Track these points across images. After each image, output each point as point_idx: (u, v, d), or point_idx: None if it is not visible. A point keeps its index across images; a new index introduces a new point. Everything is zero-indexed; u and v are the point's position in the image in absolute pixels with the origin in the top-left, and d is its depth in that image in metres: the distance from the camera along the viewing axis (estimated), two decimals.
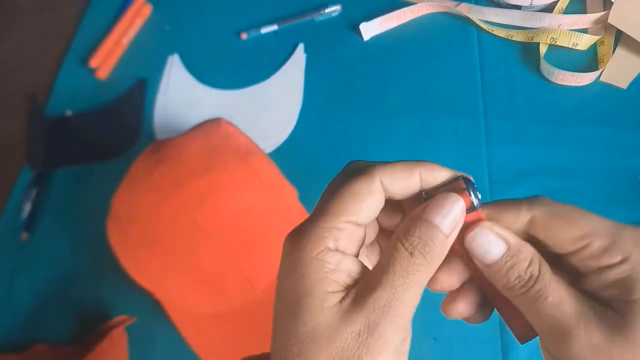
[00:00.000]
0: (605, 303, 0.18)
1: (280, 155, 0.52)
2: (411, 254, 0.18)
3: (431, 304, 0.47)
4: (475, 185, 0.20)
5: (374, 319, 0.17)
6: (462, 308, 0.21)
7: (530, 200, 0.20)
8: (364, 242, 0.20)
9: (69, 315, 0.47)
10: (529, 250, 0.19)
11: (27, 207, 0.52)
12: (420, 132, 0.53)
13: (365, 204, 0.19)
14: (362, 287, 0.18)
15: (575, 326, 0.18)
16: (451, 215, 0.19)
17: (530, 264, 0.19)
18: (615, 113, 0.52)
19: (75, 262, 0.49)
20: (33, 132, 0.57)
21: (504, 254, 0.19)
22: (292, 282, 0.18)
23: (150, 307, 0.46)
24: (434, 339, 0.43)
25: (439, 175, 0.20)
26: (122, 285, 0.47)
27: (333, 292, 0.18)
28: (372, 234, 0.23)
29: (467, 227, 0.20)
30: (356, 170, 0.20)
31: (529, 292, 0.19)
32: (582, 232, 0.19)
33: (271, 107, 0.57)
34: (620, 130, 0.51)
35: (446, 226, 0.19)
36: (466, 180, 0.20)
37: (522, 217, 0.20)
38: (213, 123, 0.45)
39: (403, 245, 0.18)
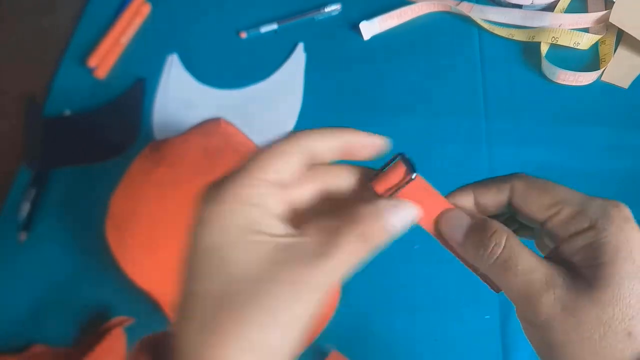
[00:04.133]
0: (575, 269, 0.19)
1: None
2: (362, 243, 0.19)
3: (431, 305, 0.47)
4: (409, 159, 0.22)
5: (303, 277, 0.18)
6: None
7: (510, 175, 0.22)
8: (293, 206, 0.21)
9: (68, 316, 0.47)
10: (492, 224, 0.21)
11: (26, 207, 0.52)
12: (421, 131, 0.53)
13: (279, 163, 0.20)
14: (298, 249, 0.19)
15: (545, 291, 0.19)
16: (404, 220, 0.21)
17: (493, 234, 0.20)
18: (617, 113, 0.52)
19: (74, 263, 0.49)
20: (31, 132, 0.57)
21: (469, 230, 0.21)
22: (218, 232, 0.19)
23: (148, 308, 0.46)
24: (435, 340, 0.43)
25: (362, 140, 0.22)
26: (121, 286, 0.47)
27: (259, 241, 0.18)
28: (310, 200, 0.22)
29: (435, 212, 0.22)
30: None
31: (497, 260, 0.20)
32: (553, 200, 0.21)
33: (271, 107, 0.56)
34: (621, 130, 0.51)
35: (396, 229, 0.20)
36: (403, 157, 0.22)
37: (504, 189, 0.22)
38: (213, 123, 0.45)
39: (353, 233, 0.19)
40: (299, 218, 0.22)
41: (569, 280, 0.19)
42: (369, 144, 0.22)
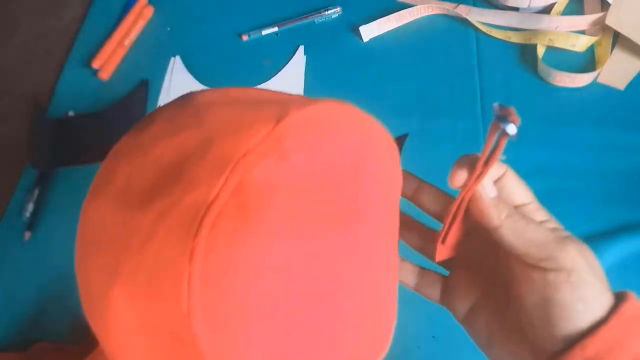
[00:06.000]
0: None
1: None
2: None
3: (430, 303, 0.47)
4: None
5: None
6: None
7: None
8: None
9: (71, 314, 0.47)
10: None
11: (30, 207, 0.52)
12: (418, 132, 0.53)
13: None
14: None
15: (565, 237, 0.23)
16: None
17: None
18: (613, 114, 0.52)
19: None
20: (36, 133, 0.58)
21: (497, 193, 0.25)
22: None
23: None
24: (433, 337, 0.43)
25: None
26: None
27: None
28: None
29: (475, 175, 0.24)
30: None
31: (523, 216, 0.24)
32: (529, 193, 0.26)
33: None
34: (617, 131, 0.51)
35: None
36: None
37: (503, 167, 0.25)
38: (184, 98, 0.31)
39: None
40: None
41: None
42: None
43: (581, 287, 0.22)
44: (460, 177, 0.24)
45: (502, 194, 0.25)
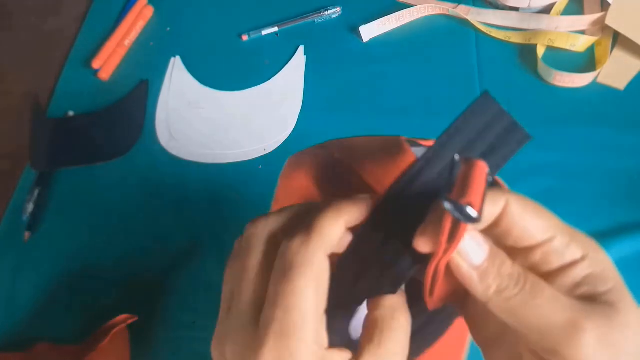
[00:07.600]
0: (582, 297, 0.17)
1: (281, 155, 0.53)
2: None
3: None
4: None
5: None
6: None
7: (494, 188, 0.18)
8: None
9: (71, 314, 0.47)
10: (503, 253, 0.18)
11: (30, 207, 0.52)
12: (418, 132, 0.53)
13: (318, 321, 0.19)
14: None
15: (584, 318, 0.16)
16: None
17: (512, 263, 0.18)
18: (613, 114, 0.52)
19: (77, 262, 0.50)
20: (36, 133, 0.58)
21: (489, 255, 0.18)
22: None
23: (151, 306, 0.46)
24: None
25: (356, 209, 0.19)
26: (124, 284, 0.48)
27: None
28: None
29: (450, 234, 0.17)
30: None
31: (525, 288, 0.17)
32: (548, 223, 0.18)
33: (272, 108, 0.57)
34: (617, 131, 0.51)
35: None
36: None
37: (499, 201, 0.18)
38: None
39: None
40: None
41: (592, 306, 0.17)
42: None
43: None
44: (424, 246, 0.18)
45: (509, 235, 0.18)
